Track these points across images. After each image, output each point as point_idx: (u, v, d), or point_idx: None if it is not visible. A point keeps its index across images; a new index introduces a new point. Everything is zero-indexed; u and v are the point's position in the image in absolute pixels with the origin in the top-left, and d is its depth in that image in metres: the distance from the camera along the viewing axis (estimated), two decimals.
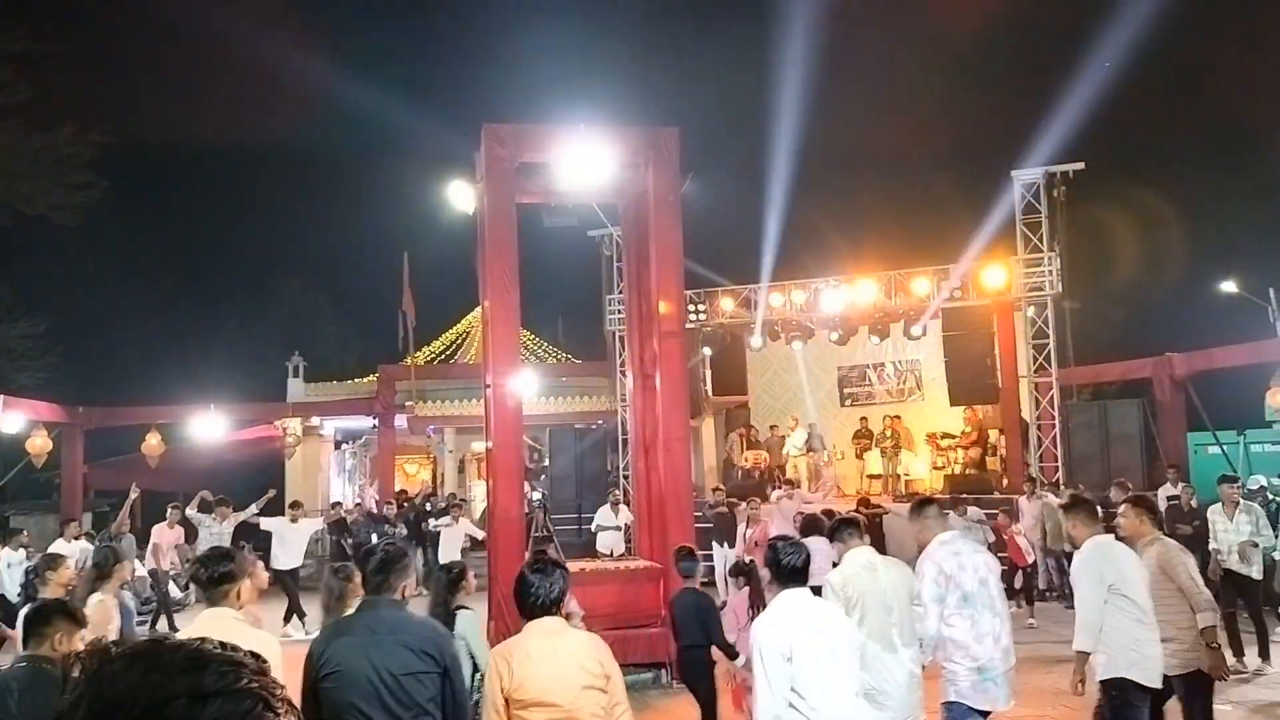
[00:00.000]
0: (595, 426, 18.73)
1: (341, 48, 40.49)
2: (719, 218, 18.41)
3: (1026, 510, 12.61)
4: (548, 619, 3.58)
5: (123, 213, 29.28)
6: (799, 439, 18.25)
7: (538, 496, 16.69)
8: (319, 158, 38.43)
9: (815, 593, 4.39)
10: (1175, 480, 12.01)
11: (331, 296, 37.26)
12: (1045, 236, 15.61)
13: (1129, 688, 4.97)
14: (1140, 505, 5.77)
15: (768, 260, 17.24)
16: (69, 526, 12.84)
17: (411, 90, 40.86)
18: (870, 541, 5.30)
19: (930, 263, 16.84)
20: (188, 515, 12.87)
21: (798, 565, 4.10)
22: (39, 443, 17.42)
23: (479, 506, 18.84)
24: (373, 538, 12.36)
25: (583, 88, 28.11)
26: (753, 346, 18.44)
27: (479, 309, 11.12)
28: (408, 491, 20.23)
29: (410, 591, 3.93)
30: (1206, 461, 15.58)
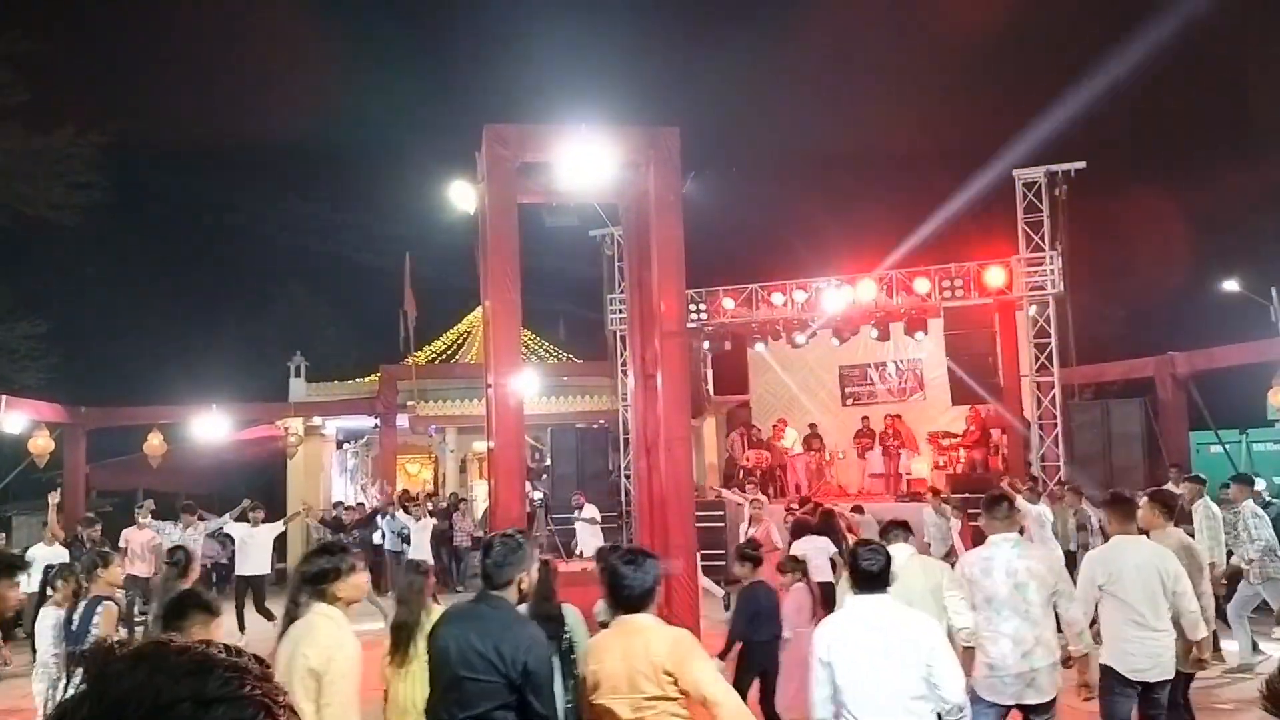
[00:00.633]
0: (596, 426, 18.74)
1: (342, 48, 40.44)
2: (720, 217, 18.40)
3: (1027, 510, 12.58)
4: (639, 616, 3.46)
5: (123, 213, 29.27)
6: (790, 439, 18.50)
7: (539, 496, 16.70)
8: (320, 158, 38.43)
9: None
10: (1177, 479, 11.97)
11: (333, 296, 37.18)
12: (1047, 235, 15.57)
13: (1111, 675, 5.35)
14: (1155, 500, 6.19)
15: (768, 260, 17.27)
16: (88, 528, 12.91)
17: (413, 91, 40.93)
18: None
19: (931, 262, 16.82)
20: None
21: (874, 571, 3.99)
22: (41, 443, 17.41)
23: (480, 506, 18.84)
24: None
25: (584, 88, 28.08)
26: (754, 347, 18.42)
27: (480, 309, 11.08)
28: (409, 491, 20.23)
29: (526, 585, 3.65)
30: (1209, 460, 15.59)
